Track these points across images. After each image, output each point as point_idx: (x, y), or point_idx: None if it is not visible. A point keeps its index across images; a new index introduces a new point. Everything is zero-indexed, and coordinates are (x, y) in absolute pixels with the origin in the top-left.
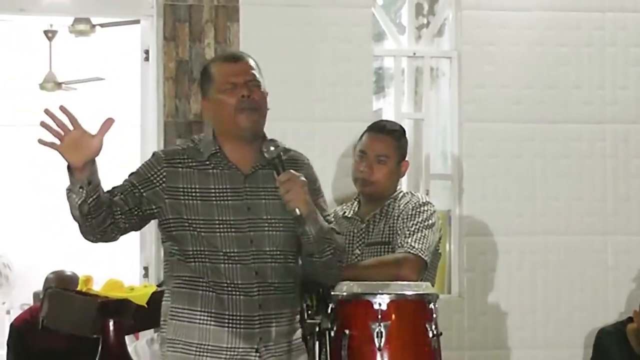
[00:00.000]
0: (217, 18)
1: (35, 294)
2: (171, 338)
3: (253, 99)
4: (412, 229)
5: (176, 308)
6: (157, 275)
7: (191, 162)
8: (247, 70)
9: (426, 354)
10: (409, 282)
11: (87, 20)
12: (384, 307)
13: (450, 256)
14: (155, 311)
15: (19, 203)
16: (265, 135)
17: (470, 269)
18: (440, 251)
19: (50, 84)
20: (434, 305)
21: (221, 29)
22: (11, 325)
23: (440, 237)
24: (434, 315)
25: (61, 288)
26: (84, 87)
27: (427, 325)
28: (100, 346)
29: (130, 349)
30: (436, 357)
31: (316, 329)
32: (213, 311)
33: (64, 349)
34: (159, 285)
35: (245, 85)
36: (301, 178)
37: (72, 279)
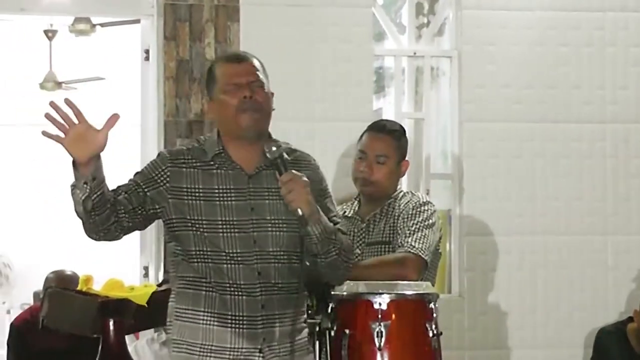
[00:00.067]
0: (217, 18)
1: (36, 294)
2: (176, 338)
3: (255, 99)
4: (413, 228)
5: (180, 308)
6: (157, 275)
7: (195, 162)
8: (250, 71)
9: (426, 353)
10: (409, 282)
11: (88, 20)
12: (384, 306)
13: (451, 256)
14: (155, 311)
15: (19, 203)
16: (271, 135)
17: (470, 268)
18: (440, 251)
19: (51, 84)
20: (434, 304)
21: (221, 28)
22: (11, 324)
23: (441, 237)
24: (434, 315)
25: (61, 287)
26: (84, 86)
27: (427, 325)
28: (101, 346)
29: (130, 348)
30: (436, 356)
31: (316, 328)
32: (216, 312)
33: (64, 348)
34: (159, 285)
35: (247, 86)
36: (303, 178)
37: (72, 279)
